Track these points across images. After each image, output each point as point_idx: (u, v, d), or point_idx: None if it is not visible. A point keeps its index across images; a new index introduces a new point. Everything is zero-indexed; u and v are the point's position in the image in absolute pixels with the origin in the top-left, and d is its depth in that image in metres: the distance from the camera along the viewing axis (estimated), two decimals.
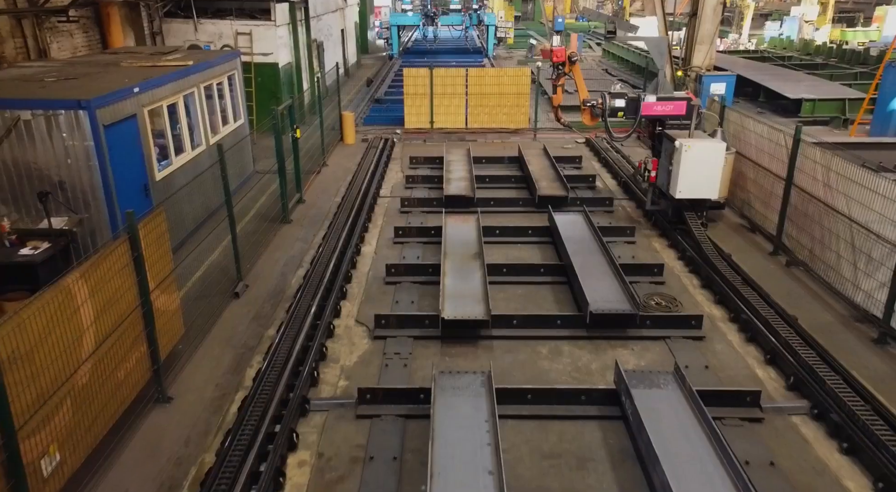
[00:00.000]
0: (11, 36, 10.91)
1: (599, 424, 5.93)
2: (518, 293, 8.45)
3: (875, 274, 7.30)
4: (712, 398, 5.91)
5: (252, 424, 5.61)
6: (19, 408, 4.17)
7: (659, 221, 10.47)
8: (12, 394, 4.08)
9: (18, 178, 7.79)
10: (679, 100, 9.94)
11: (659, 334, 7.31)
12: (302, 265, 9.28)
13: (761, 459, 5.39)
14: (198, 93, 10.65)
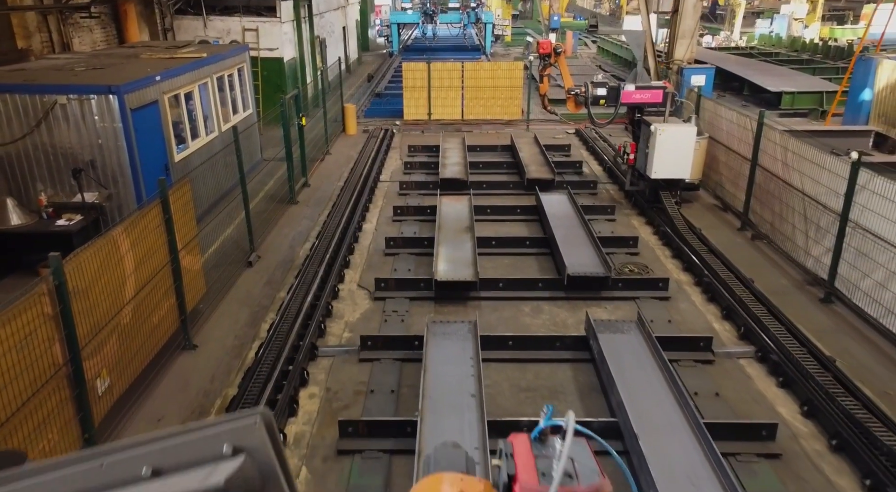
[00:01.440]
0: (38, 30, 11.77)
1: (571, 365, 6.78)
2: (505, 263, 9.31)
3: (822, 241, 8.15)
4: (670, 343, 6.77)
5: (268, 364, 6.47)
6: (81, 332, 5.02)
7: (638, 202, 11.32)
8: (76, 320, 4.94)
9: (54, 156, 8.65)
10: (656, 88, 10.80)
11: (629, 295, 8.16)
12: (308, 239, 10.14)
13: (709, 391, 6.25)
14: (211, 83, 11.51)
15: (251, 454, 0.72)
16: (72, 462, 0.75)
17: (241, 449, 0.72)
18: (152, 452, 0.74)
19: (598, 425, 5.57)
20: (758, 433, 5.50)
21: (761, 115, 9.82)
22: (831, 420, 5.59)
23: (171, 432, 0.76)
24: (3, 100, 8.30)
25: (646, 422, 5.33)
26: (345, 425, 5.62)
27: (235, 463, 0.70)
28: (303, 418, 6.02)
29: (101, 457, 0.75)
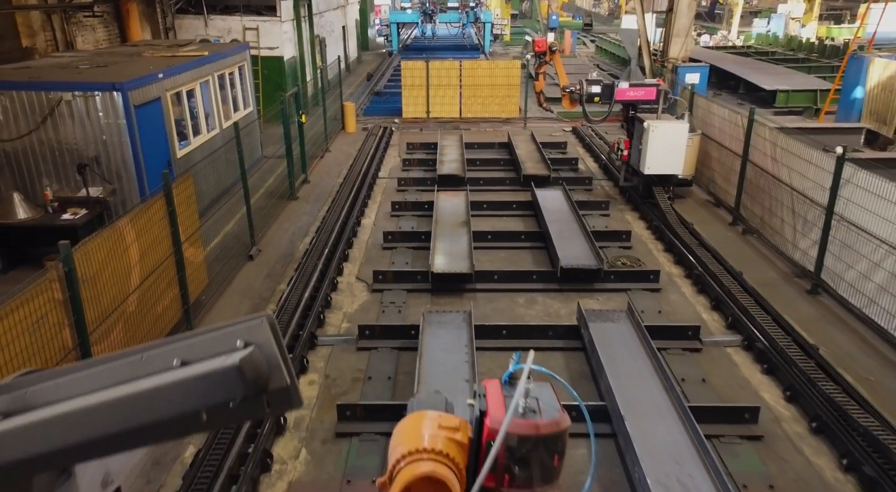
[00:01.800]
0: (42, 29, 11.98)
1: (563, 353, 6.99)
2: (501, 256, 9.51)
3: (809, 234, 8.35)
4: (659, 332, 6.97)
5: None
6: (89, 318, 5.23)
7: (632, 197, 11.52)
8: (84, 306, 5.14)
9: (60, 152, 8.85)
10: (649, 86, 11.00)
11: (621, 287, 8.37)
12: (308, 234, 10.34)
13: (695, 377, 6.45)
14: (212, 81, 11.71)
15: (259, 347, 0.91)
16: (118, 357, 0.95)
17: (250, 343, 0.92)
18: (181, 347, 0.94)
19: (587, 408, 5.77)
20: (741, 416, 5.70)
21: (752, 112, 10.02)
22: (812, 404, 5.80)
23: (194, 333, 0.95)
24: (10, 97, 8.50)
25: (632, 405, 5.54)
26: (343, 409, 5.82)
27: (246, 351, 0.90)
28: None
29: (140, 352, 0.95)
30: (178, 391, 0.88)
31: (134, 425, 0.89)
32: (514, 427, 1.57)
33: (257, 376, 0.89)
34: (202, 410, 0.88)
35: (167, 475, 5.29)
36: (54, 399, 0.93)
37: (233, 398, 0.88)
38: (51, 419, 0.90)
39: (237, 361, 0.87)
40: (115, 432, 0.89)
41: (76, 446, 0.91)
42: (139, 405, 0.89)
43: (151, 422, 0.89)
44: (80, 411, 0.90)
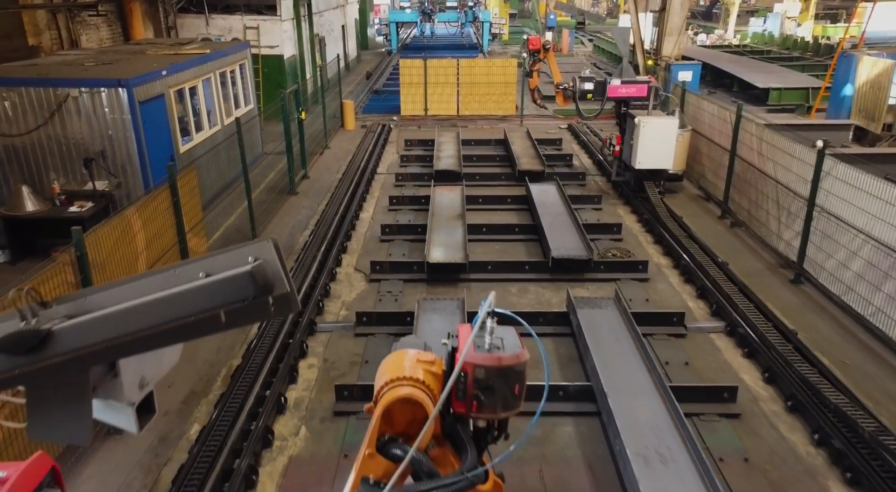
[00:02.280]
0: (48, 28, 12.25)
1: (553, 339, 7.26)
2: (495, 248, 9.78)
3: (792, 225, 8.63)
4: (645, 319, 7.24)
5: (269, 338, 6.95)
6: None
7: (624, 192, 11.80)
8: None
9: (67, 147, 9.13)
10: (641, 83, 11.28)
11: (610, 277, 8.64)
12: (308, 227, 10.61)
13: (679, 360, 6.72)
14: (214, 78, 11.99)
15: (266, 262, 1.18)
16: (155, 273, 1.22)
17: (259, 259, 1.18)
18: (204, 263, 1.21)
19: (573, 388, 6.07)
20: (720, 396, 5.98)
21: (739, 108, 10.29)
22: (788, 384, 6.07)
23: (213, 253, 1.22)
24: (19, 93, 8.78)
25: (616, 384, 5.81)
26: (341, 389, 6.10)
27: (256, 263, 1.16)
28: (302, 385, 6.51)
29: (172, 269, 1.22)
30: (204, 292, 1.15)
31: (170, 321, 1.16)
32: (479, 360, 1.84)
33: (265, 281, 1.16)
34: (222, 308, 1.16)
35: (173, 450, 5.57)
36: (106, 304, 1.20)
37: (246, 297, 1.15)
38: (104, 317, 1.17)
39: (250, 269, 1.14)
40: (155, 327, 1.17)
41: (125, 340, 1.18)
42: (174, 304, 1.16)
43: (184, 319, 1.16)
44: (127, 310, 1.17)
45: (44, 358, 1.19)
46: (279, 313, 1.21)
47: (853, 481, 5.04)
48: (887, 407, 5.95)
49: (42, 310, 1.20)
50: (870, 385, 6.28)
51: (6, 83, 8.72)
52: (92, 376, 1.27)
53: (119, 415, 1.43)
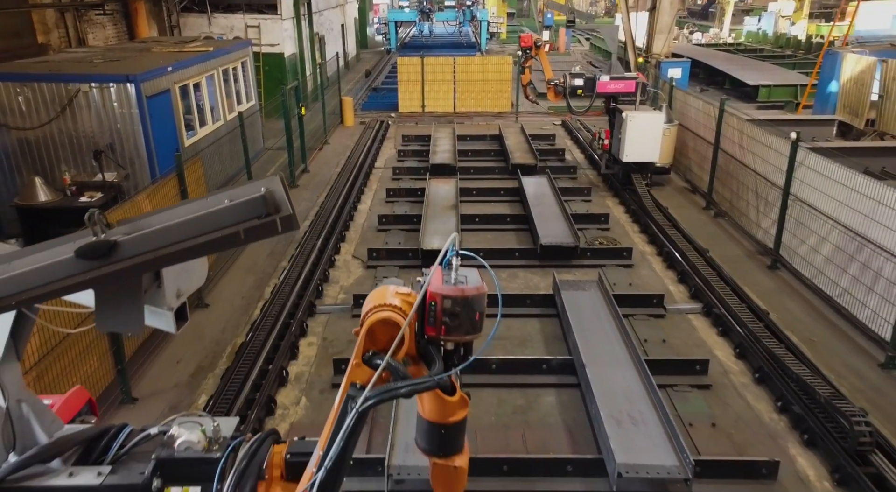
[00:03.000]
0: (56, 27, 12.67)
1: (539, 319, 7.68)
2: (488, 237, 10.21)
3: (770, 214, 9.05)
4: (627, 300, 7.67)
5: (272, 317, 7.38)
6: None
7: (613, 185, 12.22)
8: None
9: (77, 139, 9.55)
10: (629, 79, 11.70)
11: (596, 263, 9.06)
12: (308, 218, 11.02)
13: (657, 338, 7.14)
14: (217, 75, 12.41)
15: (274, 190, 1.59)
16: (190, 201, 1.63)
17: (269, 188, 1.59)
18: (228, 193, 1.61)
19: (556, 362, 6.49)
20: (692, 368, 6.40)
21: (722, 103, 10.71)
22: (757, 358, 6.49)
23: (233, 186, 1.63)
24: (32, 88, 9.20)
25: (595, 358, 6.23)
26: (339, 363, 6.53)
27: (266, 190, 1.57)
28: (302, 361, 6.94)
29: (205, 198, 1.63)
30: (229, 211, 1.56)
31: (203, 234, 1.58)
32: (447, 291, 2.25)
33: (274, 203, 1.57)
34: (242, 224, 1.57)
35: None
36: (155, 224, 1.62)
37: (259, 215, 1.56)
38: (154, 231, 1.59)
39: (263, 193, 1.55)
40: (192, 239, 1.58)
41: (169, 250, 1.60)
42: (206, 221, 1.57)
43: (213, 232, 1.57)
44: (171, 226, 1.58)
45: (110, 263, 1.59)
46: (284, 230, 1.61)
47: (809, 442, 5.47)
48: (847, 379, 6.38)
49: (108, 229, 1.61)
50: (833, 360, 6.71)
51: (20, 79, 9.14)
52: (143, 282, 1.67)
53: (161, 319, 1.85)
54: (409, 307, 2.28)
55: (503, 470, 5.13)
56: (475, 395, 6.23)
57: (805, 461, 5.33)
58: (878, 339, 6.79)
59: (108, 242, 1.59)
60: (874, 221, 6.82)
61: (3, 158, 9.40)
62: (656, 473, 4.81)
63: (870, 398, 6.08)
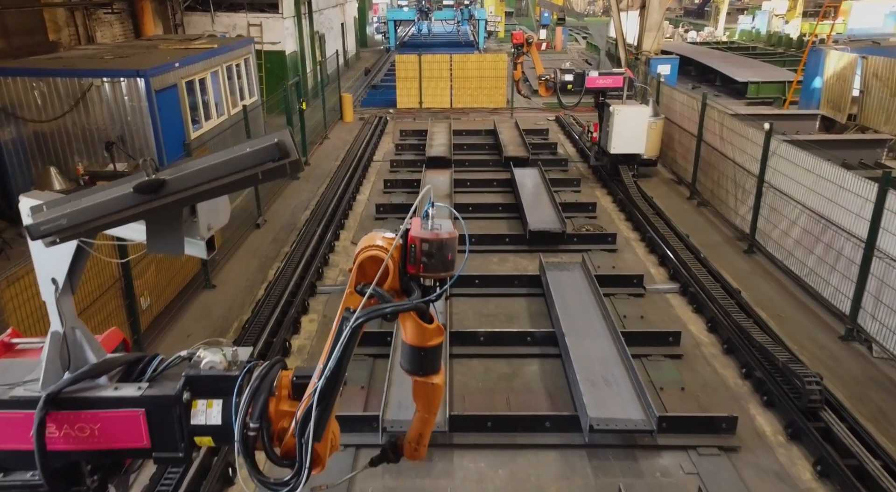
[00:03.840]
0: (66, 25, 13.18)
1: (526, 298, 8.18)
2: (480, 225, 10.69)
3: (747, 201, 9.55)
4: (608, 281, 8.17)
5: (275, 296, 7.88)
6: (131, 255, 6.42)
7: (602, 176, 12.72)
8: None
9: (89, 132, 10.06)
10: (617, 75, 12.20)
11: (582, 248, 9.55)
12: (309, 208, 11.53)
13: (636, 314, 7.65)
14: (221, 71, 12.92)
15: (284, 140, 2.08)
16: (220, 152, 2.13)
17: (280, 138, 2.08)
18: (248, 143, 2.11)
19: (539, 334, 6.99)
20: (666, 340, 6.90)
21: (704, 97, 11.21)
22: (726, 331, 6.99)
23: (254, 138, 2.13)
24: (47, 83, 9.70)
25: (574, 329, 6.73)
26: None
27: (279, 139, 2.07)
28: (304, 335, 7.44)
29: (231, 147, 2.12)
30: (250, 156, 2.05)
31: (230, 174, 2.07)
32: (425, 235, 2.74)
33: (284, 150, 2.06)
34: (260, 166, 2.06)
35: None
36: (192, 167, 2.11)
37: (273, 159, 2.05)
38: (193, 171, 2.08)
39: (276, 140, 2.04)
40: (221, 178, 2.07)
41: (204, 188, 2.09)
42: (233, 163, 2.06)
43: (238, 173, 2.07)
44: (206, 167, 2.07)
45: (159, 198, 2.08)
46: (292, 172, 2.10)
47: (768, 403, 5.97)
48: (809, 349, 6.88)
49: (156, 171, 2.10)
50: (798, 333, 7.21)
51: (36, 74, 9.64)
52: (182, 215, 2.16)
53: (195, 247, 2.33)
54: (395, 251, 2.77)
55: (487, 426, 5.63)
56: (464, 365, 6.79)
57: (763, 420, 5.84)
58: (839, 313, 7.29)
59: (159, 180, 2.08)
60: (836, 204, 7.32)
61: (19, 150, 9.90)
62: (624, 426, 5.32)
63: (828, 366, 6.58)
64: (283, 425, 2.85)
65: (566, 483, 5.18)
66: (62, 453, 2.76)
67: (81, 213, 2.18)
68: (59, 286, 2.75)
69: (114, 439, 2.79)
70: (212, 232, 2.41)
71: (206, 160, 2.15)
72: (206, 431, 2.80)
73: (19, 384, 2.81)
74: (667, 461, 5.33)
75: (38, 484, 2.72)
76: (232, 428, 2.70)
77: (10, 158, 9.91)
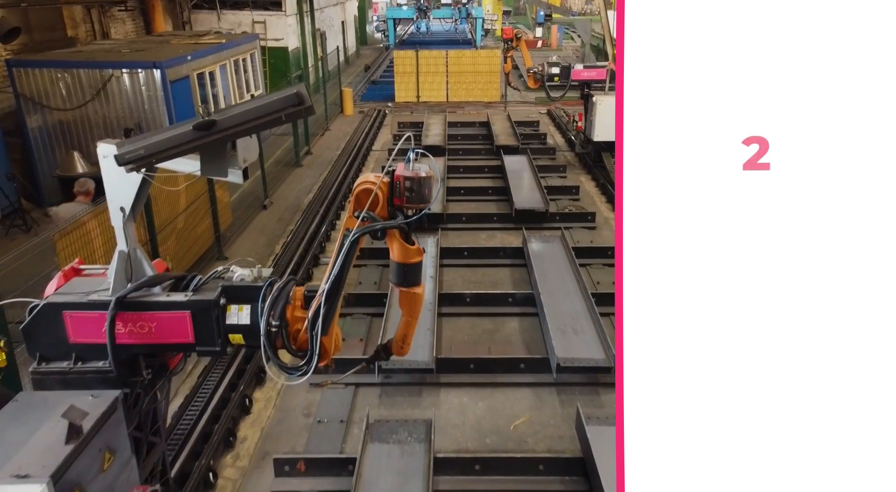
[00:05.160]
0: (83, 21, 14.00)
1: (510, 268, 9.00)
2: (471, 207, 11.51)
3: None
4: (586, 252, 8.99)
5: (282, 266, 8.71)
6: (156, 222, 7.25)
7: (587, 163, 13.53)
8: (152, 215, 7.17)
9: (109, 119, 10.87)
10: (600, 67, 13.01)
11: (564, 226, 10.37)
12: (311, 191, 12.35)
13: (608, 281, 8.46)
14: (229, 65, 13.73)
15: (301, 92, 2.87)
16: (252, 100, 2.93)
17: (298, 91, 2.88)
18: (275, 94, 2.91)
19: (520, 295, 7.82)
20: None
21: None
22: None
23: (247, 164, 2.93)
24: (71, 74, 10.52)
25: (550, 290, 7.54)
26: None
27: (297, 91, 2.87)
28: None
29: (262, 96, 2.92)
30: (276, 102, 2.86)
31: (262, 116, 2.88)
32: (407, 173, 3.55)
33: (302, 98, 2.86)
34: (283, 110, 2.87)
35: None
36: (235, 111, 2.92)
37: (293, 104, 2.85)
38: (236, 113, 2.89)
39: (296, 91, 2.85)
40: (256, 119, 2.88)
41: (243, 127, 2.90)
42: (265, 108, 2.87)
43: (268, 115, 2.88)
44: (244, 110, 2.88)
45: (210, 134, 2.88)
46: (306, 115, 2.89)
47: None
48: None
49: (209, 114, 2.89)
50: None
51: (62, 65, 10.46)
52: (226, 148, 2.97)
53: (235, 175, 3.14)
54: (384, 185, 3.57)
55: (470, 368, 6.45)
56: (452, 322, 7.61)
57: None
58: None
59: (212, 119, 2.89)
60: None
61: (45, 136, 10.72)
62: (587, 363, 6.14)
63: None
64: (297, 327, 3.68)
65: (536, 413, 6.00)
66: (126, 347, 3.57)
67: (155, 145, 3.00)
68: (126, 213, 3.57)
69: (166, 335, 3.61)
70: (246, 164, 3.23)
71: (243, 106, 2.97)
72: (237, 329, 3.62)
73: (93, 292, 3.63)
74: None
75: (108, 371, 3.52)
76: (258, 327, 3.52)
77: (35, 144, 10.72)
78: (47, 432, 3.09)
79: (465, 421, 5.92)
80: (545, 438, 5.69)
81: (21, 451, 3.01)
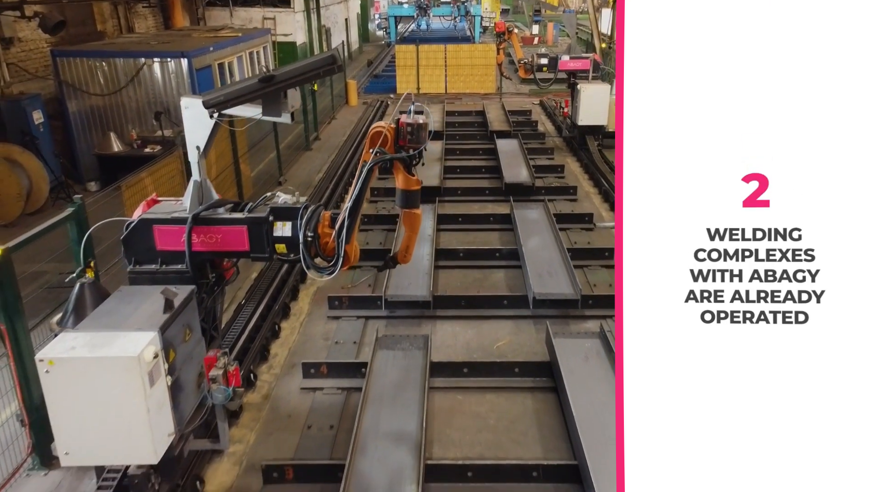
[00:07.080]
0: (111, 17, 15.23)
1: (498, 232, 10.22)
2: (466, 184, 12.74)
3: None
4: (565, 218, 10.22)
5: None
6: None
7: (573, 147, 14.76)
8: None
9: (141, 104, 12.10)
10: (585, 59, 14.24)
11: (549, 198, 11.59)
12: (321, 171, 13.59)
13: (584, 241, 9.69)
14: (245, 56, 14.97)
15: (335, 54, 4.07)
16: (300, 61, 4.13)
17: (333, 54, 4.09)
18: (315, 56, 4.12)
19: (506, 250, 9.06)
20: (603, 255, 8.94)
21: None
22: None
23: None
24: (108, 63, 11.75)
25: (531, 247, 8.78)
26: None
27: (333, 52, 4.06)
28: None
29: (304, 59, 4.12)
30: (317, 61, 4.07)
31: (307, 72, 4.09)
32: (409, 121, 4.77)
33: (335, 59, 4.06)
34: (322, 67, 4.08)
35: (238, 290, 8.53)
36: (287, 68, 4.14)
37: (331, 62, 4.06)
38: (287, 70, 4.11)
39: (332, 52, 4.05)
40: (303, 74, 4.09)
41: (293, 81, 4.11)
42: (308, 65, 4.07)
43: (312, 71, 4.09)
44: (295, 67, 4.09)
45: (270, 85, 4.08)
46: (338, 71, 4.10)
47: None
48: None
49: (269, 72, 4.10)
50: None
51: (101, 55, 11.70)
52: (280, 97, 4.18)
53: (285, 116, 4.36)
54: (391, 131, 4.80)
55: (461, 304, 7.69)
56: (447, 272, 8.84)
57: None
58: None
59: (272, 74, 4.11)
60: None
61: (85, 118, 11.95)
62: (557, 297, 7.38)
63: None
64: (325, 240, 4.92)
65: (516, 336, 7.24)
66: (198, 253, 4.81)
67: (231, 93, 4.23)
68: (201, 151, 4.80)
69: (229, 244, 4.86)
70: (293, 109, 4.46)
71: (293, 64, 4.20)
72: (282, 240, 4.87)
73: (173, 211, 4.86)
74: (589, 325, 7.37)
75: (185, 271, 4.76)
76: (297, 237, 4.76)
77: (76, 126, 11.95)
78: (148, 307, 4.34)
79: (457, 343, 7.16)
80: (521, 354, 6.92)
81: (132, 316, 4.27)
